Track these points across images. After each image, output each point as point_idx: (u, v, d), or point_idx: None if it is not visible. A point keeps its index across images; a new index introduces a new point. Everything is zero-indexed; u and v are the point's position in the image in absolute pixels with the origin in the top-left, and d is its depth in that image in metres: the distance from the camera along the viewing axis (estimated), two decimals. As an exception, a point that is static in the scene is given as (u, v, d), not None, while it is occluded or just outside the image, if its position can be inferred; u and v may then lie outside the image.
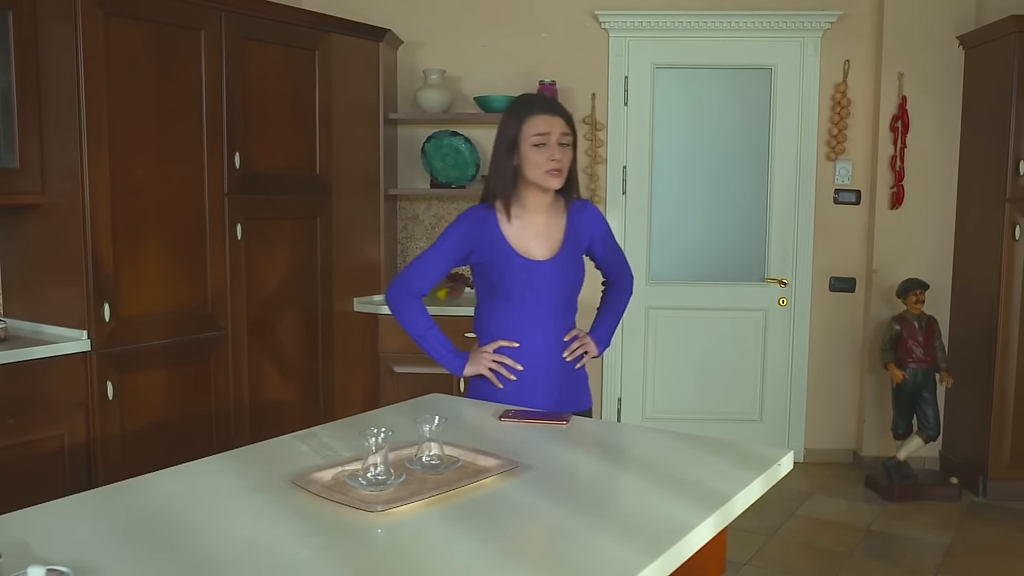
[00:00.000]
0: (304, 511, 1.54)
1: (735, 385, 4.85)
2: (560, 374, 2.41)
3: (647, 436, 2.11)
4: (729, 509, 1.61)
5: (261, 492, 1.63)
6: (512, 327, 2.38)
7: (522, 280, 2.33)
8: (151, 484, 1.68)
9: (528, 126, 2.28)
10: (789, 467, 1.90)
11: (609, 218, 4.74)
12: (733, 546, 3.70)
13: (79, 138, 3.15)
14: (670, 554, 1.38)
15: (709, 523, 1.52)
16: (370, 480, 1.63)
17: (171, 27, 3.39)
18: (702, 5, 4.62)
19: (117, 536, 1.43)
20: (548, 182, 2.29)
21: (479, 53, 4.70)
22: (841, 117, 4.63)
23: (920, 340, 4.31)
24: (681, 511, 1.55)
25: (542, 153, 2.27)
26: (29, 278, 3.42)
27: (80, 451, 3.22)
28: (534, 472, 1.76)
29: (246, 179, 3.69)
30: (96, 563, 1.30)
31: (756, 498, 1.74)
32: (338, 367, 4.20)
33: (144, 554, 1.36)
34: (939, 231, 4.60)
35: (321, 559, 1.35)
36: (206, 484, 1.69)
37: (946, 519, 4.05)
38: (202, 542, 1.41)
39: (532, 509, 1.58)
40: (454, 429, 2.04)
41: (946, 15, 4.50)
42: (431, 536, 1.46)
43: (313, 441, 1.96)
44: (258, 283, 3.79)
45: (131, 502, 1.58)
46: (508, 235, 2.34)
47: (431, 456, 1.75)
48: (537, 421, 2.12)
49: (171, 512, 1.53)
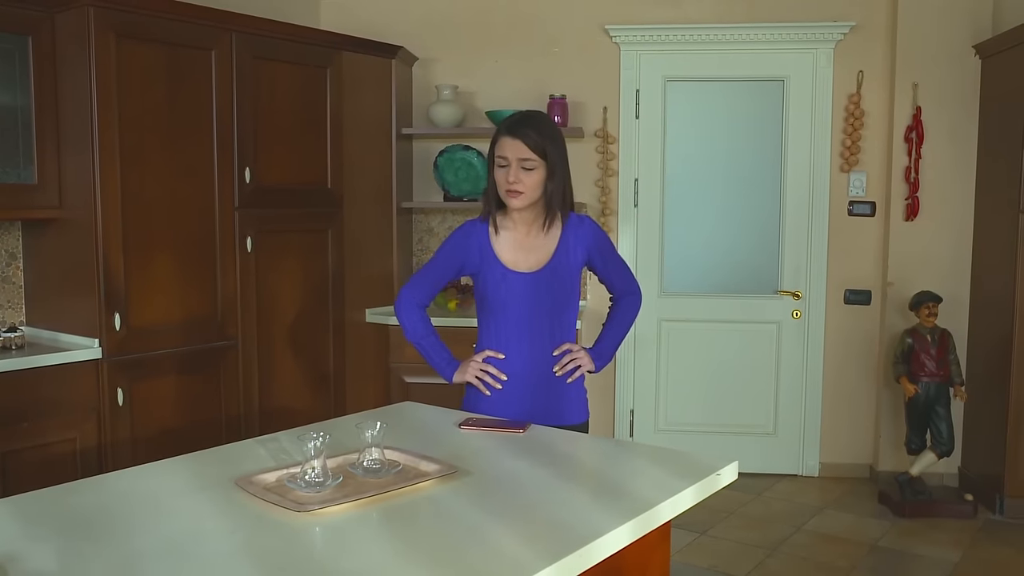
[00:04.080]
0: (239, 511, 1.62)
1: (749, 398, 4.82)
2: (542, 387, 2.45)
3: (598, 445, 2.15)
4: (651, 516, 1.63)
5: (204, 492, 1.71)
6: (496, 337, 2.46)
7: (502, 291, 2.41)
8: (105, 483, 1.78)
9: (496, 147, 2.38)
10: (732, 477, 1.92)
11: (621, 231, 4.78)
12: (734, 559, 3.72)
13: (92, 154, 3.30)
14: (572, 558, 1.42)
15: (624, 529, 1.55)
16: (308, 482, 1.70)
17: (182, 47, 3.53)
18: (713, 18, 4.63)
19: (54, 531, 1.52)
20: (508, 202, 2.38)
21: (491, 68, 4.78)
22: (855, 128, 4.60)
23: (933, 354, 4.24)
24: (599, 517, 1.58)
25: (502, 174, 2.37)
26: (48, 288, 3.59)
27: (91, 455, 3.36)
28: (471, 478, 1.81)
29: (256, 193, 3.82)
30: (24, 554, 1.40)
31: (688, 507, 1.76)
32: (349, 377, 4.30)
33: (73, 548, 1.45)
34: (956, 243, 4.53)
35: (240, 555, 1.43)
36: (156, 484, 1.77)
37: (958, 537, 3.97)
38: (133, 538, 1.49)
39: (455, 513, 1.63)
40: (410, 435, 2.11)
41: (962, 24, 4.44)
42: (353, 536, 1.53)
43: (272, 445, 2.04)
44: (268, 294, 3.91)
45: (79, 500, 1.68)
46: (496, 247, 2.44)
47: (372, 460, 1.82)
48: (494, 429, 2.17)
49: (113, 509, 1.62)
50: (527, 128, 2.36)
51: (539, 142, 2.34)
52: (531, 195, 2.36)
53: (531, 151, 2.33)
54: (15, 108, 3.31)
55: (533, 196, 2.37)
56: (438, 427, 2.23)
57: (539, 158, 2.34)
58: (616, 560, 1.58)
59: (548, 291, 2.43)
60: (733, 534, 3.99)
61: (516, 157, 2.33)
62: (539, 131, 2.36)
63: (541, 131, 2.36)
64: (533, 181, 2.35)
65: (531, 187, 2.35)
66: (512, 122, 2.40)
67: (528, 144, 2.33)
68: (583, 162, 4.76)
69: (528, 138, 2.34)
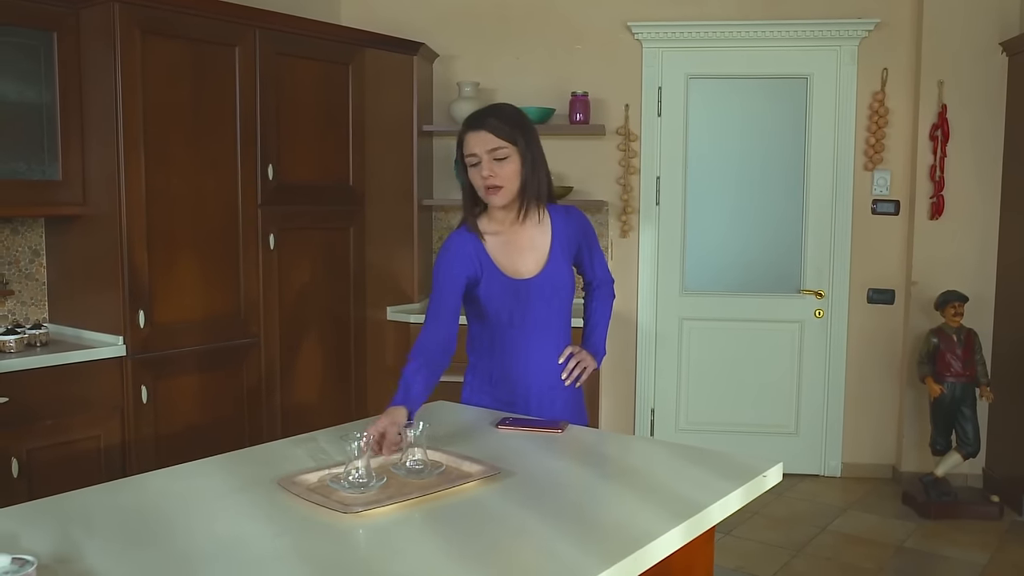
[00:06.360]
0: (283, 512, 1.60)
1: (770, 398, 4.79)
2: (558, 396, 2.36)
3: (637, 445, 2.13)
4: (702, 519, 1.61)
5: (245, 493, 1.69)
6: (496, 350, 2.34)
7: (510, 301, 2.28)
8: (144, 483, 1.76)
9: (464, 147, 2.23)
10: (777, 479, 1.89)
11: (643, 229, 4.75)
12: (759, 560, 3.68)
13: (117, 151, 3.28)
14: (628, 561, 1.39)
15: (676, 532, 1.53)
16: (352, 483, 1.68)
17: (206, 44, 3.51)
18: (735, 15, 4.60)
19: (99, 531, 1.50)
20: (489, 200, 2.23)
21: (513, 65, 4.75)
22: (879, 126, 4.56)
23: (959, 354, 4.20)
24: (650, 520, 1.56)
25: (476, 173, 2.21)
26: (72, 285, 3.57)
27: (115, 452, 3.34)
28: (515, 479, 1.79)
29: (279, 190, 3.80)
30: (73, 555, 1.38)
31: (736, 508, 1.74)
32: (370, 374, 4.28)
33: (119, 549, 1.43)
34: (981, 242, 4.49)
35: (288, 557, 1.40)
36: (195, 484, 1.75)
37: (984, 538, 3.93)
38: (178, 539, 1.47)
39: (503, 514, 1.61)
40: (450, 436, 2.09)
41: (988, 20, 4.39)
42: (400, 538, 1.50)
43: (310, 445, 2.02)
44: (291, 291, 3.89)
45: (121, 500, 1.66)
46: (493, 254, 2.29)
47: (415, 461, 1.80)
48: (532, 429, 2.15)
49: (154, 510, 1.60)
50: (489, 118, 2.21)
51: (505, 129, 2.19)
52: (511, 187, 2.21)
53: (499, 139, 2.17)
54: (40, 104, 3.30)
55: (513, 188, 2.21)
56: (475, 427, 2.21)
57: (510, 144, 2.19)
58: (664, 563, 1.56)
59: (554, 295, 2.31)
60: (757, 534, 3.96)
61: (485, 150, 2.17)
62: (502, 119, 2.21)
63: (504, 118, 2.21)
64: (509, 171, 2.19)
65: (508, 178, 2.20)
66: (472, 116, 2.25)
67: (495, 133, 2.17)
68: (605, 160, 4.73)
69: (493, 127, 2.18)
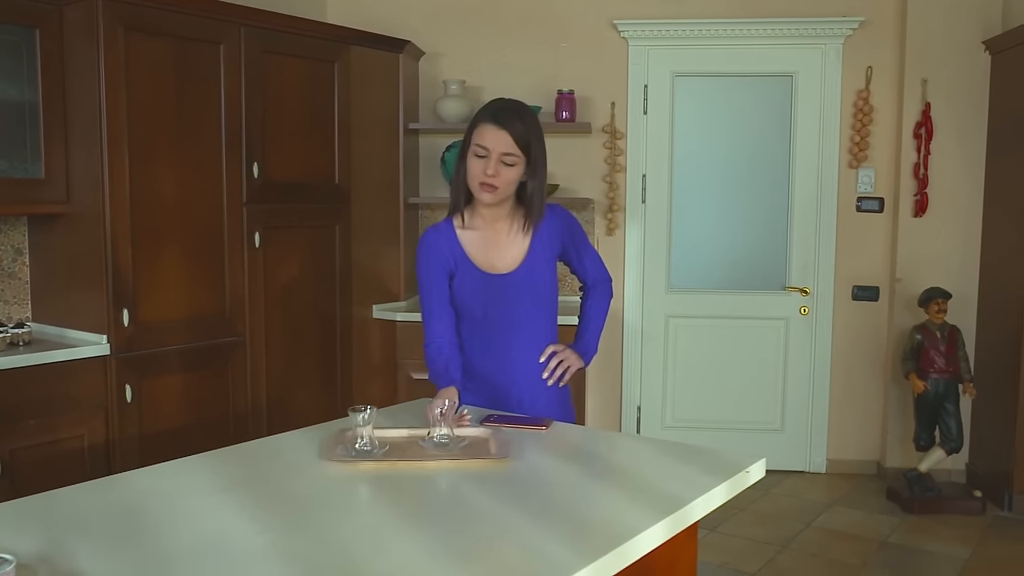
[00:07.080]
0: (267, 510, 1.59)
1: (756, 395, 4.81)
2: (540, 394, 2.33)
3: (622, 442, 2.13)
4: (685, 514, 1.62)
5: (230, 491, 1.69)
6: (478, 346, 2.31)
7: (482, 296, 2.25)
8: (128, 482, 1.75)
9: (475, 134, 2.18)
10: (760, 475, 1.90)
11: (629, 226, 4.76)
12: (744, 556, 3.70)
13: (100, 149, 3.26)
14: (610, 557, 1.40)
15: (659, 528, 1.53)
16: (359, 450, 1.73)
17: (191, 41, 3.50)
18: (721, 13, 4.61)
19: (83, 530, 1.50)
20: (479, 194, 2.19)
21: (499, 63, 4.75)
22: (863, 124, 4.58)
23: (942, 350, 4.23)
24: (634, 515, 1.56)
25: (478, 164, 2.17)
26: (55, 284, 3.55)
27: (100, 452, 3.33)
28: (500, 475, 1.79)
29: (264, 188, 3.79)
30: (56, 554, 1.37)
31: (719, 504, 1.74)
32: (356, 373, 4.27)
33: (103, 548, 1.43)
34: (964, 239, 4.52)
35: (272, 555, 1.40)
36: (180, 482, 1.75)
37: (967, 533, 3.96)
38: (163, 537, 1.47)
39: (487, 510, 1.61)
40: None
41: (972, 19, 4.42)
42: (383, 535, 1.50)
43: (295, 441, 2.02)
44: (276, 289, 3.88)
45: (105, 498, 1.66)
46: (467, 248, 2.27)
47: (441, 436, 1.89)
48: (517, 426, 2.15)
49: (138, 508, 1.60)
50: (515, 119, 2.17)
51: (525, 140, 2.16)
52: (504, 191, 2.19)
53: (516, 145, 2.15)
54: (22, 102, 3.27)
55: (506, 193, 2.20)
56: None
57: (522, 154, 2.17)
58: (647, 559, 1.56)
59: (528, 291, 2.28)
60: (743, 531, 3.98)
61: (498, 150, 2.14)
62: (527, 126, 2.18)
63: (527, 124, 2.18)
64: (510, 177, 2.17)
65: (506, 183, 2.18)
66: (498, 109, 2.19)
67: (514, 137, 2.15)
68: (591, 158, 4.74)
69: (515, 130, 2.15)
